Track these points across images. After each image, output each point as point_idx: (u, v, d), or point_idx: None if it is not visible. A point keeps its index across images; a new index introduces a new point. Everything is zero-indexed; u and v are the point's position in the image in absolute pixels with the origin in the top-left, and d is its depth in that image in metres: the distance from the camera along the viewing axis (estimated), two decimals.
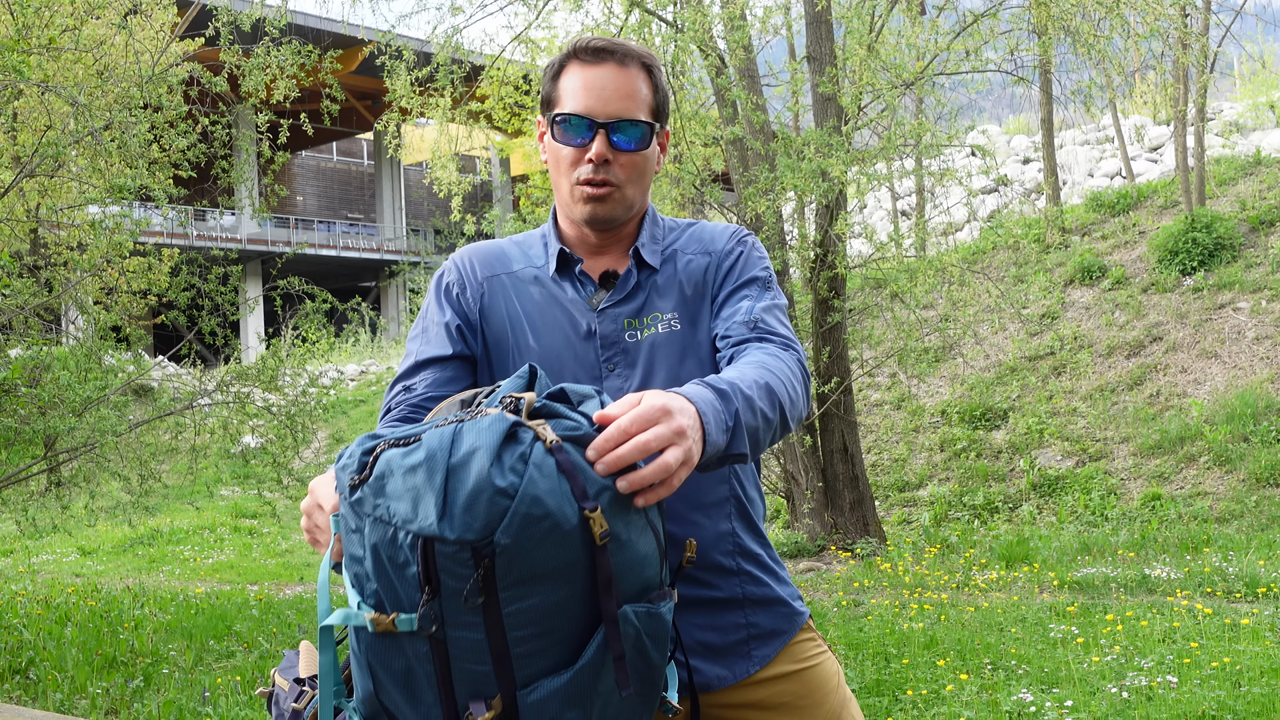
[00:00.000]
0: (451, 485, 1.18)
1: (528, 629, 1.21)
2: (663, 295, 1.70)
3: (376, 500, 1.21)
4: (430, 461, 1.20)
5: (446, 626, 1.20)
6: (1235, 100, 24.44)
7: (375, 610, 1.23)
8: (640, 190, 1.69)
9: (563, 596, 1.21)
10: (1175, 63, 14.54)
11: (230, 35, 8.18)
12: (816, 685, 1.73)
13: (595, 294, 1.69)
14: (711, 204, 10.49)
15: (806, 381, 1.60)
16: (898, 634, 6.33)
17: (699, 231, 1.77)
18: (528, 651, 1.22)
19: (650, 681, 1.33)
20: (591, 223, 1.67)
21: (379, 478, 1.22)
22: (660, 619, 1.31)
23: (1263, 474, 10.78)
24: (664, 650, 1.34)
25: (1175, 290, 14.41)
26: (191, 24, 11.37)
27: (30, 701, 5.67)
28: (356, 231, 37.74)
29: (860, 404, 14.49)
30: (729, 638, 1.68)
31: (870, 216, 22.92)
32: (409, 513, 1.19)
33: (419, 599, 1.19)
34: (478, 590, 1.18)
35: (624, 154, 1.65)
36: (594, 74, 1.64)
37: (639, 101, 1.65)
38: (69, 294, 8.94)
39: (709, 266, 1.72)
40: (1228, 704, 4.48)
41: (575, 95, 1.64)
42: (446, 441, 1.21)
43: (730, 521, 1.69)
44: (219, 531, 15.33)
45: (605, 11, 10.44)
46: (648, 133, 1.66)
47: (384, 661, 1.25)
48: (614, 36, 1.71)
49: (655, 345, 1.66)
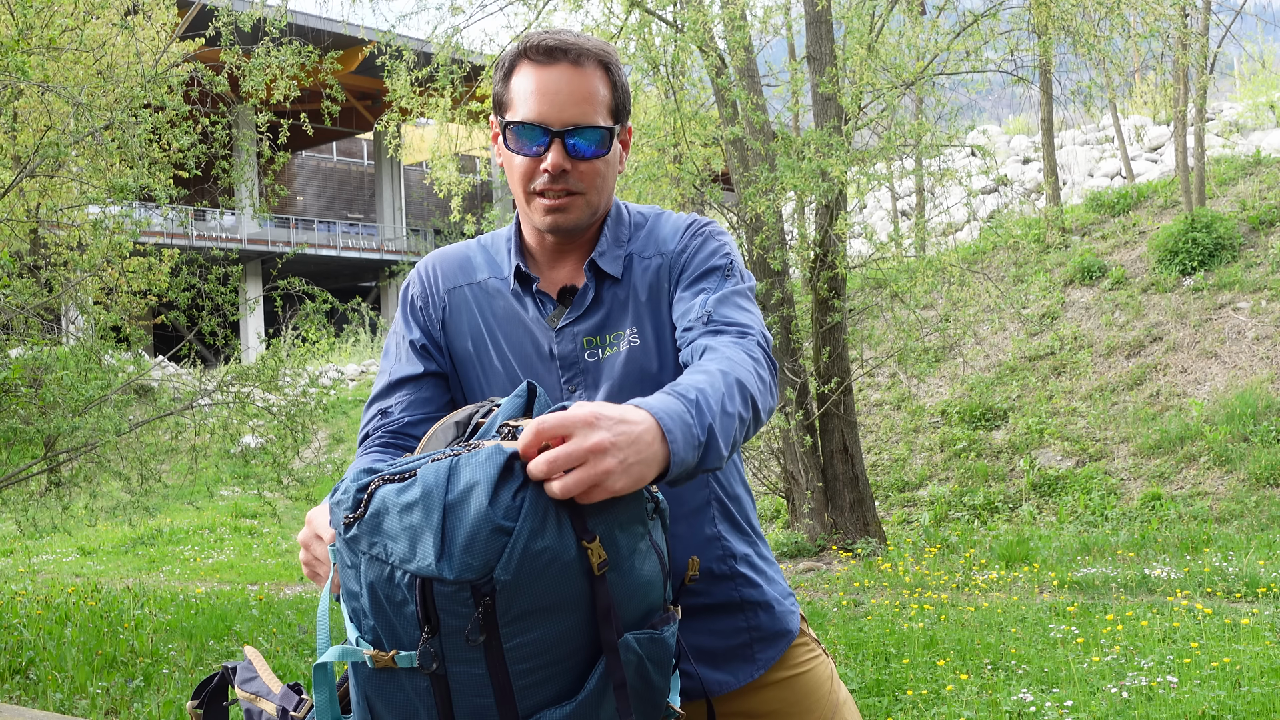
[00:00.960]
0: (449, 524, 1.15)
1: (530, 661, 1.19)
2: (623, 308, 1.62)
3: (373, 539, 1.18)
4: (427, 499, 1.16)
5: (447, 663, 1.18)
6: (1235, 100, 24.44)
7: (374, 646, 1.20)
8: (603, 195, 1.61)
9: (565, 628, 1.20)
10: (1175, 63, 14.55)
11: (231, 36, 8.18)
12: (809, 691, 1.70)
13: (554, 311, 1.62)
14: (711, 204, 10.49)
15: (772, 366, 1.52)
16: (898, 634, 6.33)
17: (655, 230, 1.68)
18: (530, 683, 1.20)
19: (652, 704, 1.31)
20: (554, 232, 1.61)
21: (374, 515, 1.18)
22: (663, 643, 1.29)
23: (1263, 474, 10.78)
24: (666, 673, 1.32)
25: (1175, 290, 14.41)
26: (191, 24, 11.37)
27: (30, 701, 5.67)
28: (356, 231, 37.74)
29: (860, 404, 14.49)
30: (729, 642, 1.65)
31: (870, 216, 22.92)
32: (406, 552, 1.16)
33: (418, 637, 1.17)
34: (479, 629, 1.16)
35: (582, 162, 1.56)
36: (547, 76, 1.53)
37: (596, 104, 1.55)
38: (69, 294, 8.94)
39: (661, 268, 1.64)
40: (1228, 704, 4.48)
41: (528, 100, 1.54)
42: (443, 478, 1.17)
43: (715, 525, 1.65)
44: (219, 531, 15.34)
45: (605, 11, 10.45)
46: (607, 136, 1.56)
47: (384, 696, 1.23)
48: (565, 31, 1.56)
49: (616, 364, 1.60)
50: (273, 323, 25.77)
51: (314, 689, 1.27)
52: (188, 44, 10.10)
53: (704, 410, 1.28)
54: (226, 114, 8.12)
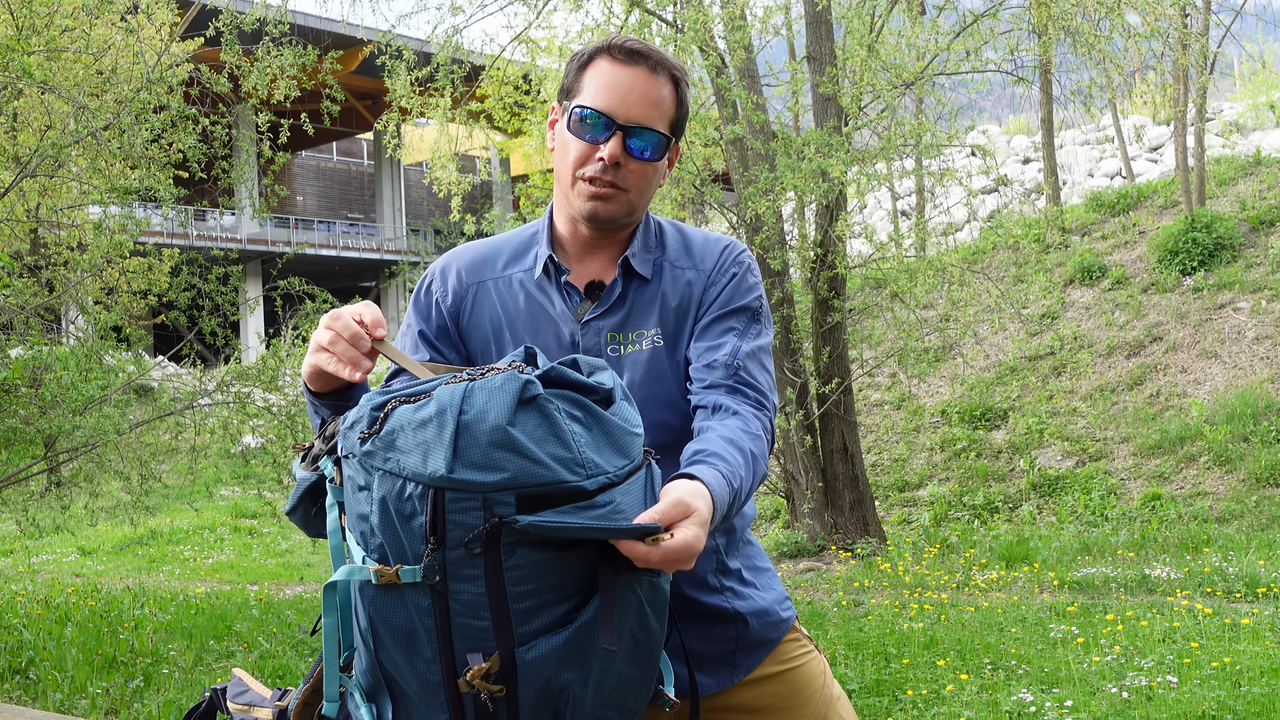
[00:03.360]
0: (462, 440, 1.20)
1: (528, 584, 1.23)
2: (649, 309, 1.67)
3: (386, 455, 1.24)
4: (441, 417, 1.22)
5: (449, 580, 1.22)
6: (1235, 100, 24.44)
7: (380, 564, 1.25)
8: (643, 198, 1.66)
9: (563, 553, 1.23)
10: (1175, 63, 14.54)
11: (231, 36, 8.18)
12: (800, 686, 1.73)
13: (580, 305, 1.67)
14: (711, 204, 10.49)
15: (772, 442, 1.63)
16: (898, 634, 6.33)
17: (692, 243, 1.73)
18: (527, 608, 1.23)
19: (649, 654, 1.34)
20: (590, 220, 1.64)
21: (389, 433, 1.24)
22: (660, 590, 1.33)
23: (1263, 474, 10.78)
24: (663, 622, 1.35)
25: (1175, 290, 14.41)
26: (191, 24, 11.37)
27: (30, 701, 5.67)
28: (356, 231, 37.74)
29: (860, 404, 14.49)
30: (715, 648, 1.68)
31: (870, 216, 22.91)
32: (419, 464, 1.21)
33: (423, 551, 1.21)
34: (480, 539, 1.20)
35: (636, 161, 1.62)
36: (623, 74, 1.61)
37: (661, 112, 1.62)
38: (69, 294, 8.94)
39: (695, 283, 1.69)
40: (1228, 704, 4.48)
41: (600, 91, 1.61)
42: (458, 398, 1.23)
43: (714, 538, 1.68)
44: (219, 531, 15.33)
45: (605, 11, 10.45)
46: (662, 144, 1.63)
47: (385, 618, 1.26)
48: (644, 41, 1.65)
49: (637, 362, 1.64)
50: (273, 323, 25.76)
51: (323, 613, 1.32)
52: (189, 44, 10.11)
53: (735, 501, 1.44)
54: (226, 114, 8.11)
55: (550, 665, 1.24)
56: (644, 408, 1.58)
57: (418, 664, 1.26)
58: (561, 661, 1.24)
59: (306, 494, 1.40)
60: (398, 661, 1.27)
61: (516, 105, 11.59)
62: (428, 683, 1.26)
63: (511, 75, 11.38)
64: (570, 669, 1.25)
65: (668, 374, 1.65)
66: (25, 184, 8.21)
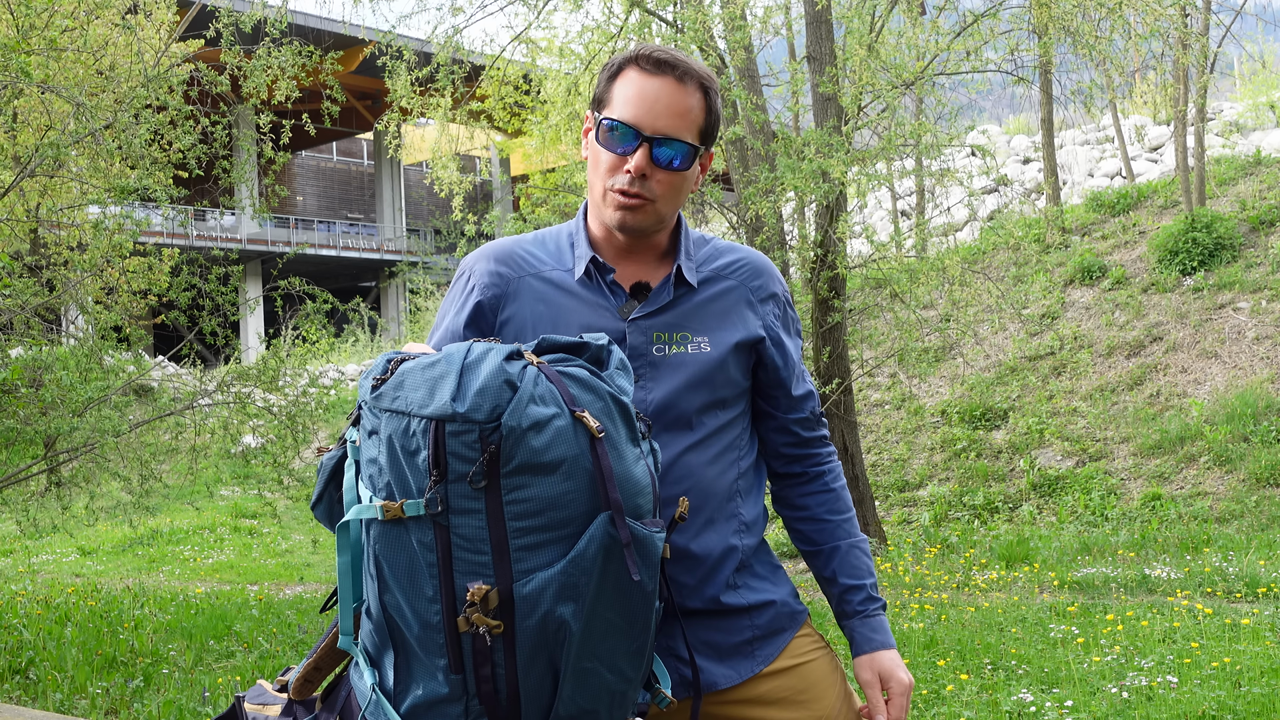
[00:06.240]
0: (465, 377, 1.31)
1: (526, 520, 1.28)
2: (697, 316, 1.71)
3: (395, 394, 1.33)
4: (448, 358, 1.34)
5: (450, 513, 1.28)
6: (1235, 100, 24.43)
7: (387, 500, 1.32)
8: (673, 207, 1.69)
9: (560, 491, 1.29)
10: (1175, 63, 14.54)
11: (231, 36, 8.17)
12: (815, 680, 1.76)
13: (626, 304, 1.69)
14: (711, 204, 10.49)
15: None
16: (898, 634, 6.33)
17: (740, 260, 1.78)
18: (526, 545, 1.29)
19: (637, 605, 1.38)
20: (620, 230, 1.67)
21: (399, 375, 1.35)
22: (651, 541, 1.37)
23: (1263, 474, 10.78)
24: (654, 576, 1.39)
25: (1175, 290, 14.41)
26: (191, 24, 11.36)
27: (30, 701, 5.67)
28: (356, 231, 37.73)
29: (860, 404, 14.49)
30: (733, 638, 1.71)
31: (870, 216, 22.91)
32: (424, 399, 1.30)
33: (427, 484, 1.28)
34: (482, 473, 1.27)
35: (663, 171, 1.64)
36: (650, 85, 1.63)
37: (689, 121, 1.64)
38: (69, 294, 8.93)
39: (743, 298, 1.75)
40: (1228, 704, 4.48)
41: (627, 103, 1.63)
42: (463, 348, 1.36)
43: (738, 537, 1.72)
44: (219, 531, 15.33)
45: (605, 11, 10.45)
46: (690, 154, 1.65)
47: (390, 556, 1.32)
48: (677, 51, 1.69)
49: (683, 364, 1.68)
50: (273, 323, 25.77)
51: (337, 553, 1.39)
52: (189, 44, 10.10)
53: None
54: (227, 114, 8.11)
55: (547, 599, 1.28)
56: (685, 407, 1.67)
57: (419, 603, 1.30)
58: (558, 595, 1.29)
59: (331, 478, 1.45)
60: (400, 603, 1.32)
61: (516, 105, 11.59)
62: (428, 623, 1.30)
63: (512, 75, 11.38)
64: (566, 603, 1.29)
65: (710, 381, 1.69)
66: (25, 184, 8.20)
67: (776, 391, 1.78)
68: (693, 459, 1.67)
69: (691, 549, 1.66)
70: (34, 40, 6.53)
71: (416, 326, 28.80)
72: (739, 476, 1.74)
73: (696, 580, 1.67)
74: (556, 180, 11.88)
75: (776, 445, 1.81)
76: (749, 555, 1.74)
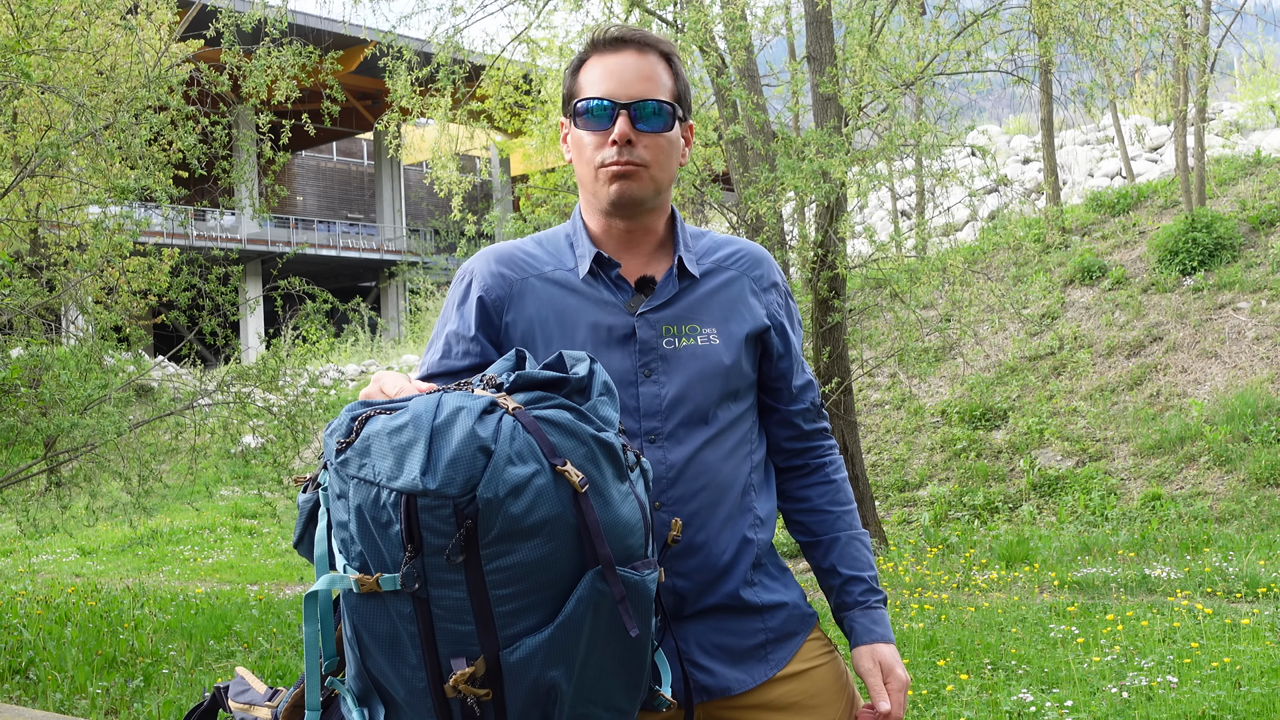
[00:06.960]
0: (435, 444, 1.21)
1: (509, 587, 1.22)
2: (704, 308, 1.70)
3: (361, 461, 1.24)
4: (415, 422, 1.23)
5: (429, 585, 1.22)
6: (1235, 100, 24.42)
7: (360, 572, 1.25)
8: (667, 175, 1.67)
9: (544, 553, 1.23)
10: (1175, 63, 14.54)
11: (231, 36, 8.17)
12: (825, 684, 1.76)
13: (633, 298, 1.68)
14: (711, 204, 10.49)
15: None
16: (898, 634, 6.33)
17: (740, 251, 1.77)
18: (510, 611, 1.23)
19: (633, 650, 1.33)
20: (619, 203, 1.64)
21: (365, 439, 1.25)
22: (644, 587, 1.32)
23: (1263, 474, 10.78)
24: (648, 621, 1.34)
25: (1175, 290, 14.41)
26: (191, 24, 11.36)
27: (30, 701, 5.67)
28: (356, 231, 37.73)
29: (860, 404, 14.49)
30: (747, 642, 1.70)
31: (870, 216, 22.91)
32: (393, 470, 1.21)
33: (402, 558, 1.21)
34: (459, 548, 1.20)
35: (647, 135, 1.63)
36: (614, 60, 1.64)
37: (659, 84, 1.64)
38: (69, 294, 8.94)
39: (745, 288, 1.74)
40: (1228, 704, 4.48)
41: (596, 82, 1.64)
42: (431, 406, 1.25)
43: (753, 532, 1.72)
44: (219, 531, 15.33)
45: (605, 11, 10.44)
46: (670, 113, 1.64)
47: (369, 625, 1.26)
48: (629, 25, 1.70)
49: (694, 356, 1.67)
50: (273, 323, 25.76)
51: (304, 622, 1.32)
52: (189, 44, 10.10)
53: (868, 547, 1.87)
54: (227, 114, 8.11)
55: (536, 665, 1.24)
56: (702, 400, 1.65)
57: (403, 670, 1.26)
58: (547, 660, 1.24)
59: (308, 519, 1.39)
60: (384, 668, 1.27)
61: (517, 105, 11.58)
62: (414, 689, 1.26)
63: (512, 75, 11.38)
64: (556, 666, 1.25)
65: (724, 367, 1.68)
66: (25, 184, 8.20)
67: (779, 384, 1.77)
68: (709, 455, 1.66)
69: (710, 546, 1.65)
70: (34, 41, 6.53)
71: (416, 327, 28.81)
72: (752, 470, 1.73)
73: (714, 577, 1.66)
74: (556, 180, 11.89)
75: (778, 439, 1.80)
76: (764, 552, 1.73)
